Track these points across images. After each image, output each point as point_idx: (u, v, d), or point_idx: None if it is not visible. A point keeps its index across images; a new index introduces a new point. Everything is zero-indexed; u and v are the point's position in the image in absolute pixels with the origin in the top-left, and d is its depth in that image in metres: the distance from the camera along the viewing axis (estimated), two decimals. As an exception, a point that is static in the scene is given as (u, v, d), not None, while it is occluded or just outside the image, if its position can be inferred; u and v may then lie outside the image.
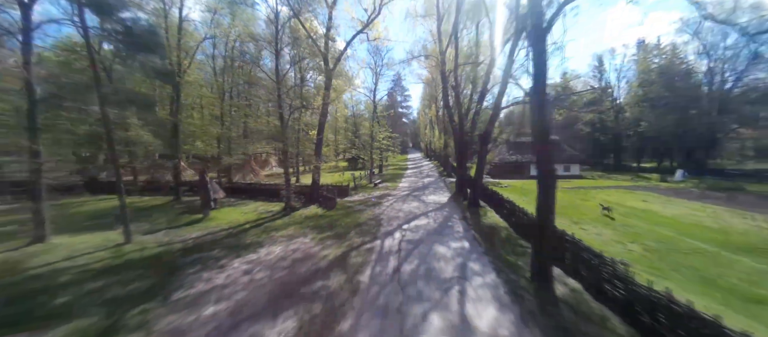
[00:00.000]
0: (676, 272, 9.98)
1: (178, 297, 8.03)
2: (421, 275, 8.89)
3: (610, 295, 6.96)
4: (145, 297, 8.08)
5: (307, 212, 17.80)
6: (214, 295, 8.08)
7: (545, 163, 8.52)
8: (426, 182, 31.22)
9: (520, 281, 8.46)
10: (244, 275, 9.27)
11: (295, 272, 9.41)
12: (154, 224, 15.80)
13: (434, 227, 14.19)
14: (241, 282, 8.80)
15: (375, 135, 31.67)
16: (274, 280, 8.87)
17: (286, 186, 18.37)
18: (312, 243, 12.14)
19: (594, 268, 7.66)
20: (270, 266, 9.89)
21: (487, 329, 6.29)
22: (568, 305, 7.19)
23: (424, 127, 70.76)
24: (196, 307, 7.49)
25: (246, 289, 8.35)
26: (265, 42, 19.26)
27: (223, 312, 7.20)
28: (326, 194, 19.56)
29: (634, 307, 6.26)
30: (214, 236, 13.49)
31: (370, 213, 17.34)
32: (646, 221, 16.09)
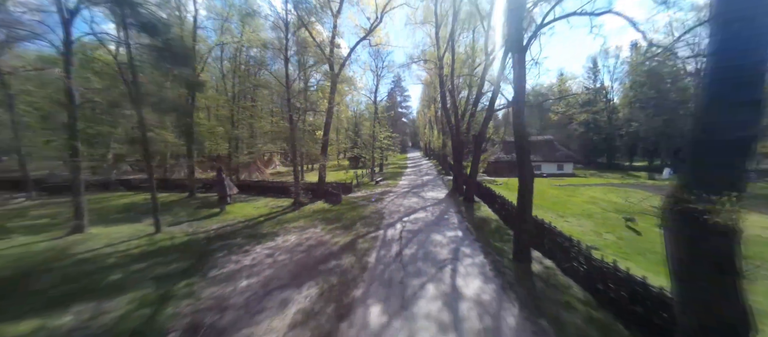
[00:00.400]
0: (641, 255, 11.49)
1: (214, 274, 9.52)
2: (419, 257, 10.39)
3: (576, 270, 8.47)
4: (186, 275, 9.56)
5: (314, 207, 19.27)
6: (245, 272, 9.57)
7: (524, 161, 9.98)
8: (425, 180, 32.70)
9: (503, 261, 9.96)
10: (267, 258, 10.75)
11: (311, 254, 10.91)
12: (176, 217, 17.25)
13: (432, 220, 15.69)
14: (265, 263, 10.28)
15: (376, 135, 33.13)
16: (294, 261, 10.36)
17: (295, 183, 19.81)
18: (323, 233, 13.63)
19: (565, 249, 9.16)
20: (289, 251, 11.38)
21: (472, 295, 7.79)
22: (541, 278, 8.69)
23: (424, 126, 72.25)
24: (231, 281, 8.97)
25: (271, 268, 9.84)
26: (275, 49, 20.68)
27: (256, 284, 8.69)
28: (332, 190, 21.04)
29: (591, 276, 7.76)
30: (234, 227, 14.95)
31: (373, 208, 18.82)
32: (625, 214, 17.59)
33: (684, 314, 3.64)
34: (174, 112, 12.06)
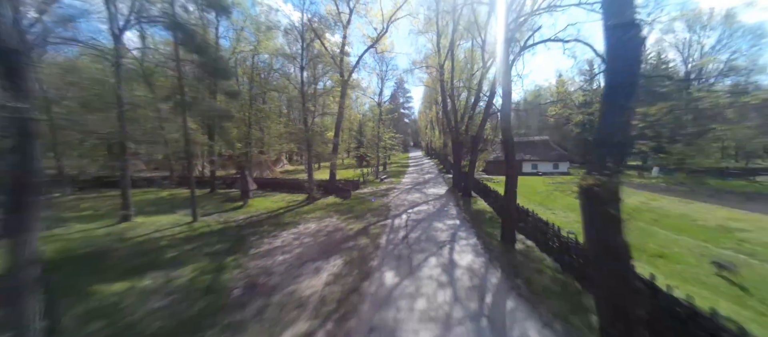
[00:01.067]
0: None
1: (253, 252, 11.57)
2: (423, 239, 12.43)
3: (550, 246, 10.46)
4: (231, 252, 11.62)
5: (327, 201, 21.32)
6: (279, 250, 11.62)
7: (510, 160, 11.98)
8: (427, 178, 34.72)
9: (492, 242, 11.98)
10: (294, 240, 12.81)
11: (331, 237, 12.96)
12: (204, 209, 19.31)
13: (433, 211, 17.72)
14: (294, 244, 12.34)
15: (381, 135, 35.14)
16: (318, 242, 12.42)
17: (309, 179, 21.86)
18: (338, 221, 15.68)
19: (543, 232, 11.15)
20: (312, 235, 13.44)
21: (465, 265, 9.81)
22: (521, 253, 10.71)
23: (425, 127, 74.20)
24: (269, 256, 11.02)
25: (300, 247, 11.89)
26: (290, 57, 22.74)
27: (290, 258, 10.74)
28: (342, 186, 23.08)
29: (560, 250, 9.76)
30: (259, 218, 17.02)
31: (380, 201, 20.86)
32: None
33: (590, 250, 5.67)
34: (218, 118, 14.01)
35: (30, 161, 4.05)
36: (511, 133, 12.06)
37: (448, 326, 6.47)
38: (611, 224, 5.10)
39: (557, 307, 7.14)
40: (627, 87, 5.10)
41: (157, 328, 6.81)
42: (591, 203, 5.32)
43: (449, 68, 25.60)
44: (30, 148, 4.02)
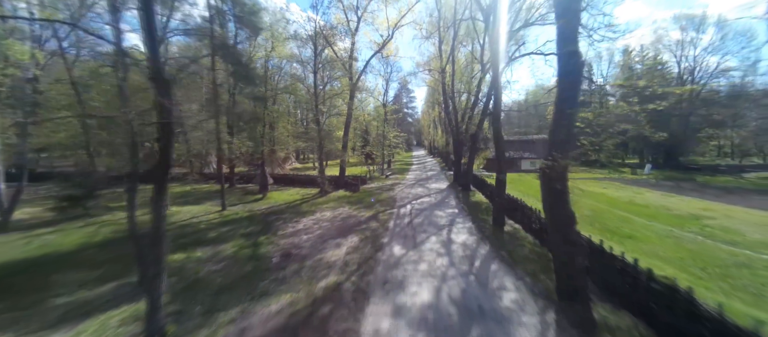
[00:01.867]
0: (592, 226, 15.33)
1: (281, 233, 13.63)
2: (425, 224, 14.41)
3: (533, 227, 12.40)
4: (262, 233, 13.68)
5: (338, 194, 23.36)
6: (302, 232, 13.67)
7: (500, 155, 13.90)
8: (429, 175, 36.67)
9: (485, 226, 13.94)
10: (314, 224, 14.86)
11: (346, 222, 14.99)
12: (228, 201, 21.36)
13: (435, 202, 19.69)
14: (315, 227, 14.38)
15: (386, 134, 37.12)
16: (335, 226, 14.45)
17: (322, 175, 23.92)
18: (350, 210, 17.71)
19: (528, 216, 13.08)
20: (329, 220, 15.48)
21: (460, 241, 11.78)
22: (508, 234, 12.67)
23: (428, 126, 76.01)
24: (296, 236, 13.07)
25: (320, 229, 13.94)
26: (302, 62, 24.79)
27: (314, 237, 12.78)
28: (351, 181, 25.12)
29: (539, 229, 11.69)
30: (279, 208, 19.09)
31: (387, 195, 22.86)
32: (594, 200, 21.43)
33: (547, 219, 7.62)
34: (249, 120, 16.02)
35: (168, 154, 6.10)
36: (501, 133, 14.00)
37: (443, 280, 8.46)
38: (559, 198, 7.05)
39: (530, 268, 9.11)
40: (571, 98, 7.04)
41: (220, 282, 8.87)
42: (546, 183, 7.27)
43: (450, 72, 27.49)
44: (169, 144, 6.05)
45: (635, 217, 16.97)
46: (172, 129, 6.04)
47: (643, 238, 13.33)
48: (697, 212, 17.74)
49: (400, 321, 6.49)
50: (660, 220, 16.23)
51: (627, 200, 21.60)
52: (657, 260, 10.95)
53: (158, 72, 5.48)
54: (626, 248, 11.96)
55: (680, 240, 13.05)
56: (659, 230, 14.54)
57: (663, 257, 11.12)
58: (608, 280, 7.58)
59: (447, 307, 7.07)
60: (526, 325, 6.36)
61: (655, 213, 17.66)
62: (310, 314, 6.84)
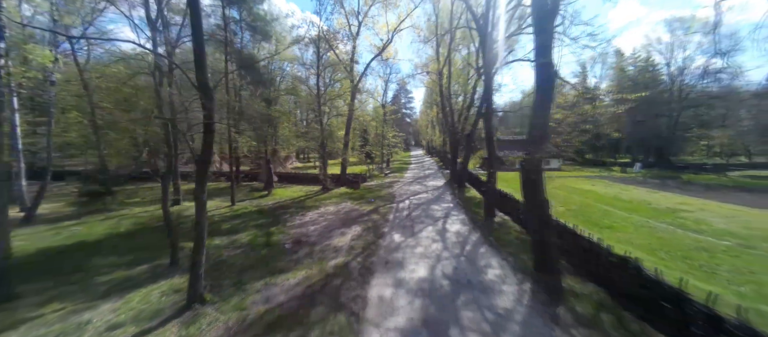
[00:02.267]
0: (575, 218, 16.60)
1: (290, 224, 14.81)
2: (422, 216, 15.64)
3: (519, 218, 13.64)
4: (272, 225, 14.85)
5: (340, 191, 24.53)
6: (309, 224, 14.85)
7: (492, 153, 15.14)
8: (427, 173, 37.92)
9: (477, 217, 15.19)
10: (319, 217, 16.04)
11: (349, 215, 16.20)
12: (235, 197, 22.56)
13: (431, 198, 20.92)
14: (320, 219, 15.57)
15: (385, 134, 38.34)
16: (340, 218, 15.65)
17: (324, 172, 25.09)
18: (352, 205, 18.90)
19: (515, 208, 14.33)
20: (333, 214, 16.67)
21: (453, 231, 13.02)
22: (498, 224, 13.91)
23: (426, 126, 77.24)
24: (303, 227, 14.26)
25: (326, 221, 15.13)
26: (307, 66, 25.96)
27: (320, 227, 13.97)
28: (352, 179, 26.31)
29: (524, 219, 12.94)
30: (285, 203, 20.25)
31: (386, 191, 24.07)
32: (582, 196, 22.74)
33: (525, 205, 8.88)
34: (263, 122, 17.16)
35: (210, 149, 7.29)
36: (492, 133, 15.27)
37: (438, 260, 9.69)
38: (535, 187, 8.29)
39: (513, 250, 10.35)
40: (546, 102, 8.30)
41: (241, 263, 10.06)
42: (524, 174, 8.52)
43: (447, 74, 28.72)
44: (210, 141, 7.24)
45: (617, 210, 18.26)
46: (214, 129, 7.24)
47: (620, 228, 14.61)
48: (674, 206, 19.05)
49: (400, 290, 7.71)
50: (639, 213, 17.51)
51: (612, 195, 22.92)
52: (629, 246, 12.19)
53: (205, 82, 6.68)
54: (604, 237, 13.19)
55: (654, 230, 14.33)
56: (636, 221, 15.83)
57: (635, 244, 12.38)
58: (578, 257, 8.83)
59: (440, 280, 8.30)
60: (506, 292, 7.60)
61: (636, 207, 18.96)
62: (324, 285, 8.05)
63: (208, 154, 7.37)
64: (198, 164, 7.43)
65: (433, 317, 6.47)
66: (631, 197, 22.51)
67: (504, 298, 7.34)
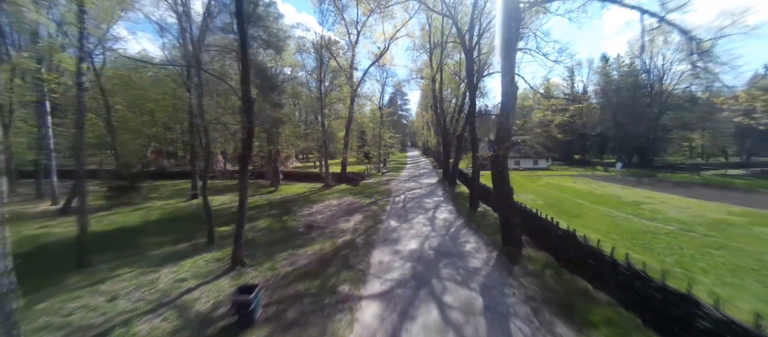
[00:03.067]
0: (550, 209, 18.88)
1: (300, 214, 16.93)
2: (415, 207, 17.84)
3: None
4: (284, 214, 16.95)
5: (341, 187, 26.66)
6: (317, 213, 16.98)
7: (475, 153, 17.37)
8: (421, 172, 40.16)
9: (463, 208, 17.41)
10: (325, 208, 18.17)
11: (351, 206, 18.35)
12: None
13: (425, 193, 23.14)
14: (326, 210, 17.70)
15: (382, 135, 40.54)
16: (343, 208, 17.80)
17: (326, 170, 27.21)
18: (353, 199, 21.05)
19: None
20: (336, 206, 18.81)
21: (442, 218, 15.23)
22: (481, 213, 16.13)
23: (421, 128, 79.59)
24: (312, 216, 16.38)
25: (331, 211, 17.27)
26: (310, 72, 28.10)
27: (327, 216, 16.11)
28: (352, 176, 28.45)
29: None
30: (292, 197, 22.33)
31: (384, 188, 26.25)
32: (561, 191, 25.09)
33: (494, 191, 11.10)
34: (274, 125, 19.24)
35: (250, 148, 9.41)
36: (476, 134, 17.52)
37: (426, 239, 11.88)
38: (502, 177, 10.53)
39: (489, 231, 12.58)
40: (508, 111, 10.54)
41: (265, 241, 12.18)
42: (493, 167, 10.75)
43: (439, 80, 31.00)
44: (250, 142, 9.37)
45: (588, 203, 20.60)
46: (253, 132, 9.39)
47: (587, 216, 16.90)
48: (639, 200, 21.42)
49: (395, 257, 9.89)
50: (607, 205, 19.85)
51: (588, 191, 25.29)
52: (590, 230, 14.47)
53: (248, 96, 8.84)
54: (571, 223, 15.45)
55: (615, 218, 16.65)
56: (602, 211, 18.15)
57: (595, 229, 14.66)
58: (537, 234, 11.07)
59: (427, 251, 10.50)
60: (477, 258, 9.80)
61: (606, 201, 21.31)
62: (335, 254, 10.21)
63: (249, 152, 9.54)
64: (241, 160, 9.59)
65: (420, 273, 8.65)
66: (605, 192, 24.90)
67: (475, 261, 9.54)
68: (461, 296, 7.33)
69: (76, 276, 8.97)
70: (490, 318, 6.37)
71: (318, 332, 5.93)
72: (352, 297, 7.27)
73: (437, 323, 6.21)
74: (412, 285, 7.89)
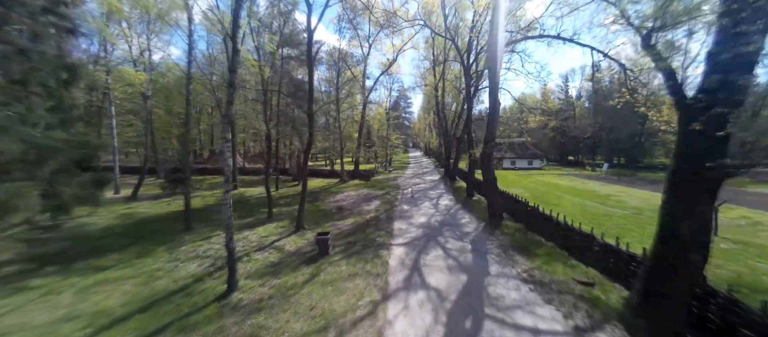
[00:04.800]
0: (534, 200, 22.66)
1: (328, 201, 20.76)
2: (422, 197, 21.67)
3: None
4: (315, 201, 20.77)
5: (355, 182, 30.49)
6: (341, 200, 20.81)
7: (471, 156, 21.17)
8: (424, 171, 43.98)
9: (460, 198, 21.20)
10: (347, 197, 22.00)
11: (368, 196, 22.20)
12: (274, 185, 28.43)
13: (428, 187, 26.97)
14: (348, 198, 21.53)
15: (389, 136, 44.46)
16: (362, 197, 21.64)
17: (342, 167, 31.07)
18: (368, 191, 24.88)
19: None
20: (356, 196, 22.65)
21: (443, 205, 19.06)
22: (474, 201, 19.93)
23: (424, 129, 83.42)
24: (338, 202, 20.22)
25: (352, 199, 21.10)
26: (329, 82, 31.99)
27: (351, 203, 19.94)
28: (364, 173, 32.31)
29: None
30: (315, 190, 26.13)
31: (393, 183, 30.08)
32: (546, 187, 28.88)
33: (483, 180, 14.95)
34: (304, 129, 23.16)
35: (309, 150, 13.25)
36: (472, 138, 21.34)
37: (431, 216, 15.70)
38: (488, 168, 14.35)
39: (480, 213, 16.37)
40: (494, 118, 14.36)
41: (310, 217, 16.00)
42: (482, 161, 14.57)
43: (442, 88, 34.81)
44: (310, 145, 13.19)
45: (567, 195, 24.37)
46: (314, 137, 13.23)
47: (562, 205, 20.67)
48: (612, 193, 25.17)
49: (410, 226, 13.71)
50: (582, 197, 23.61)
51: (571, 186, 29.05)
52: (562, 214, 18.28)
53: (311, 111, 12.70)
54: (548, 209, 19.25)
55: (585, 206, 20.41)
56: (576, 201, 21.94)
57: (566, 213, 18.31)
58: (514, 212, 14.87)
59: (433, 223, 14.32)
60: (469, 227, 13.63)
61: (582, 194, 25.07)
62: (367, 224, 14.05)
63: (308, 152, 13.39)
64: (304, 155, 13.41)
65: (429, 234, 12.48)
66: (585, 188, 28.67)
67: (467, 228, 13.36)
68: (457, 245, 11.15)
69: (189, 235, 12.84)
70: (474, 254, 10.19)
71: (371, 256, 9.76)
72: (386, 244, 11.11)
73: (441, 255, 10.03)
74: (424, 240, 11.72)
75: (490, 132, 14.36)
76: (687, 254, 5.25)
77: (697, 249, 5.23)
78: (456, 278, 8.28)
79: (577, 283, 7.84)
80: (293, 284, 8.04)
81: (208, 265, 9.72)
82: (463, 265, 9.24)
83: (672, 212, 5.74)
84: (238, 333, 5.93)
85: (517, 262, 9.46)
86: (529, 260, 9.62)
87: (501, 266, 9.19)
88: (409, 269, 8.88)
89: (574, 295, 7.22)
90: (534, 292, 7.43)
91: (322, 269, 8.94)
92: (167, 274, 9.02)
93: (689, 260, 5.25)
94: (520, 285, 7.81)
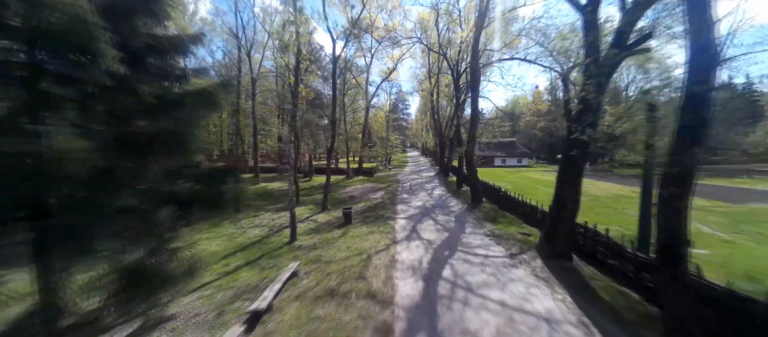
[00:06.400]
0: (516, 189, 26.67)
1: (339, 192, 24.69)
2: (419, 189, 25.63)
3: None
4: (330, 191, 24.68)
5: (359, 178, 34.41)
6: (351, 192, 24.73)
7: (461, 155, 25.16)
8: (421, 168, 47.97)
9: (451, 189, 25.21)
10: (354, 190, 25.93)
11: (373, 188, 26.13)
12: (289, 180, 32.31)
13: (425, 182, 30.94)
14: (355, 190, 25.45)
15: (388, 137, 48.42)
16: (368, 189, 25.58)
17: (348, 165, 34.98)
18: (372, 185, 28.81)
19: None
20: (362, 188, 26.57)
21: (437, 194, 23.01)
22: (462, 191, 23.93)
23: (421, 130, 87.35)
24: (348, 194, 24.14)
25: (360, 191, 25.03)
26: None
27: (359, 194, 23.87)
28: (367, 170, 36.23)
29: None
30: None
31: (393, 178, 34.03)
32: (528, 181, 32.92)
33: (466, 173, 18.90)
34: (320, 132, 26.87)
35: (332, 150, 17.11)
36: (461, 137, 25.29)
37: (426, 201, 19.66)
38: (470, 163, 18.33)
39: (466, 199, 20.35)
40: (475, 122, 18.33)
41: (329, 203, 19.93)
42: (466, 157, 18.53)
43: (436, 94, 38.74)
44: (333, 146, 17.05)
45: (543, 187, 28.38)
46: (336, 138, 17.14)
47: (537, 194, 24.65)
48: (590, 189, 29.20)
49: (410, 207, 17.67)
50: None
51: (550, 181, 33.07)
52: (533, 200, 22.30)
53: (334, 117, 16.60)
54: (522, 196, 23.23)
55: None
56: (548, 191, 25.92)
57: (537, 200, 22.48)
58: (492, 196, 18.86)
59: (427, 205, 18.28)
60: (455, 208, 17.60)
61: (558, 186, 29.10)
62: (375, 207, 17.99)
63: (331, 151, 17.31)
64: (328, 153, 17.33)
65: (423, 212, 16.42)
66: (562, 181, 32.73)
67: (454, 209, 17.33)
68: (444, 218, 15.11)
69: (240, 215, 16.73)
70: (456, 222, 14.15)
71: (381, 224, 13.71)
72: (392, 217, 15.06)
73: (432, 224, 13.97)
74: (420, 215, 15.67)
75: (471, 134, 18.34)
76: (565, 207, 9.23)
77: (571, 204, 9.20)
78: (441, 235, 12.23)
79: (520, 234, 11.82)
80: (332, 237, 11.98)
81: (266, 230, 13.63)
82: (447, 228, 13.20)
83: (559, 183, 9.72)
84: (308, 255, 9.86)
85: (485, 226, 13.44)
86: (495, 225, 13.60)
87: (473, 228, 13.16)
88: (409, 231, 12.82)
89: (516, 240, 11.21)
90: (491, 240, 11.39)
91: (349, 231, 12.87)
92: (241, 235, 12.93)
93: (567, 211, 9.23)
94: (483, 237, 11.77)
